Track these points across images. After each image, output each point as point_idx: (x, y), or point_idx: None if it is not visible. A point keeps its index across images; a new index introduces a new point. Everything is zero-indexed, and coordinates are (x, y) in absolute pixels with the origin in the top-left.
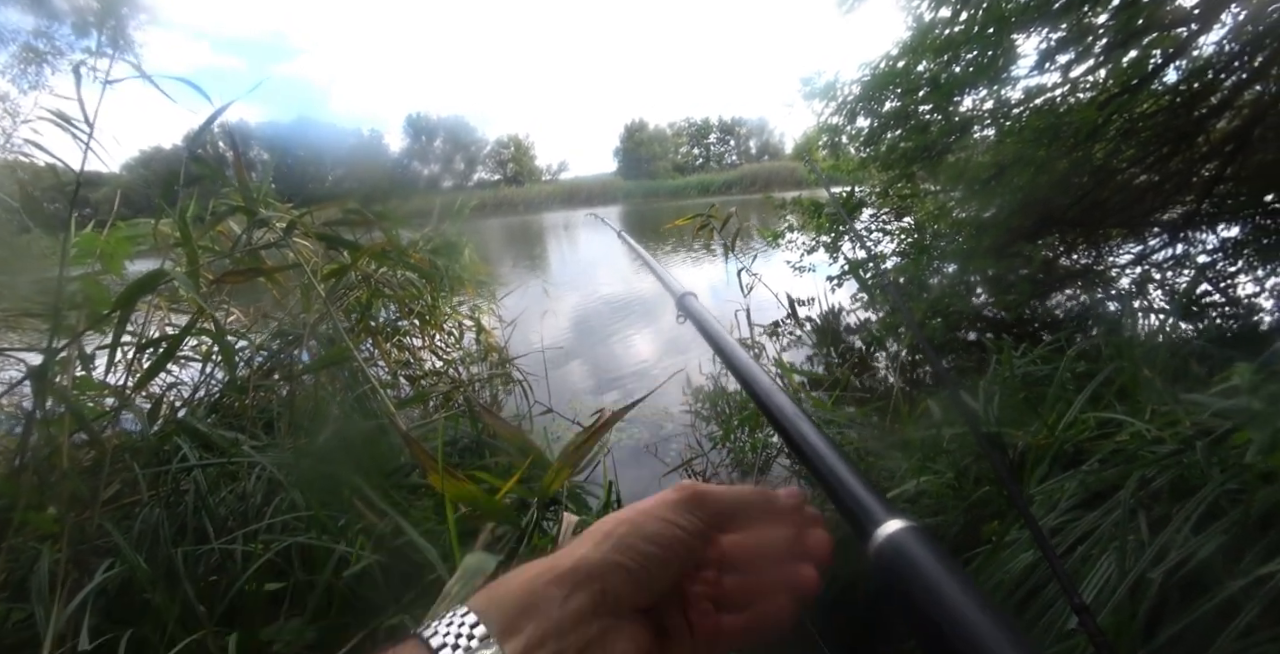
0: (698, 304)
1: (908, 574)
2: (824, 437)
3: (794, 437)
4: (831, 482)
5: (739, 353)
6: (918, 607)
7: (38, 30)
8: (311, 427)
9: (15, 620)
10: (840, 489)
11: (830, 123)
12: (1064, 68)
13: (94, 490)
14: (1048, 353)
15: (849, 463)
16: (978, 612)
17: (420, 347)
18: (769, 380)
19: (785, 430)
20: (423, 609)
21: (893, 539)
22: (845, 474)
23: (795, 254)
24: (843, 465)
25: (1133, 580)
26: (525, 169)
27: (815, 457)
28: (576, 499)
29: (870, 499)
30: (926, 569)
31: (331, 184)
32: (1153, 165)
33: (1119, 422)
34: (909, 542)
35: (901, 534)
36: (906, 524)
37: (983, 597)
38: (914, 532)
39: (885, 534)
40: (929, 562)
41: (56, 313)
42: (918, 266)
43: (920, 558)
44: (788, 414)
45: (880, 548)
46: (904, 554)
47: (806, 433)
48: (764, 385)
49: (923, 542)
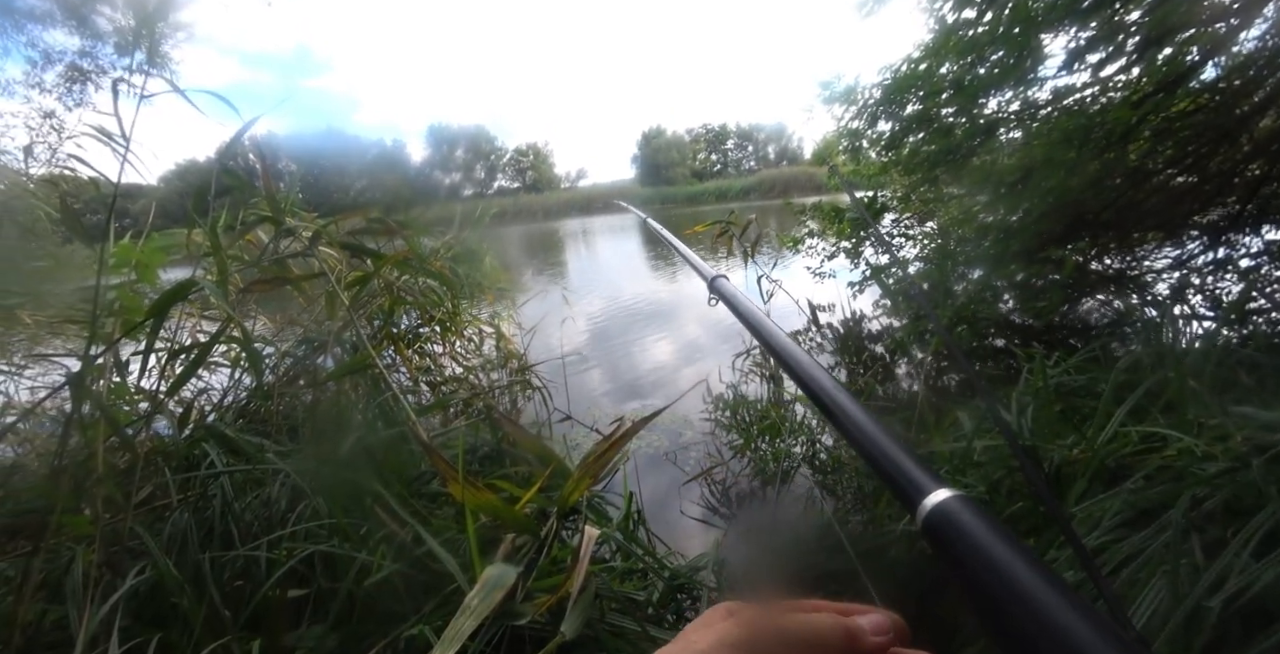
0: (730, 285)
1: (960, 544)
2: (864, 409)
3: (834, 411)
4: (875, 454)
5: (774, 331)
6: (974, 578)
7: (82, 50)
8: (335, 433)
9: (51, 620)
10: (884, 461)
11: (850, 127)
12: (1095, 67)
13: (127, 494)
14: (1083, 362)
15: (891, 435)
16: (1042, 583)
17: (441, 353)
18: (806, 357)
19: (825, 405)
20: (443, 620)
21: (942, 508)
22: (889, 446)
23: (815, 260)
24: (885, 437)
25: (1188, 609)
26: (544, 177)
27: (856, 429)
28: (596, 510)
29: (916, 470)
30: (980, 539)
31: (356, 194)
32: (1192, 166)
33: (1164, 436)
34: (959, 511)
35: (951, 503)
36: (955, 493)
37: (1044, 567)
38: (964, 501)
39: (934, 503)
40: (982, 531)
41: (94, 320)
42: (942, 272)
43: (973, 527)
44: (826, 388)
45: (930, 518)
46: (955, 523)
47: (847, 406)
48: (802, 361)
49: (974, 511)
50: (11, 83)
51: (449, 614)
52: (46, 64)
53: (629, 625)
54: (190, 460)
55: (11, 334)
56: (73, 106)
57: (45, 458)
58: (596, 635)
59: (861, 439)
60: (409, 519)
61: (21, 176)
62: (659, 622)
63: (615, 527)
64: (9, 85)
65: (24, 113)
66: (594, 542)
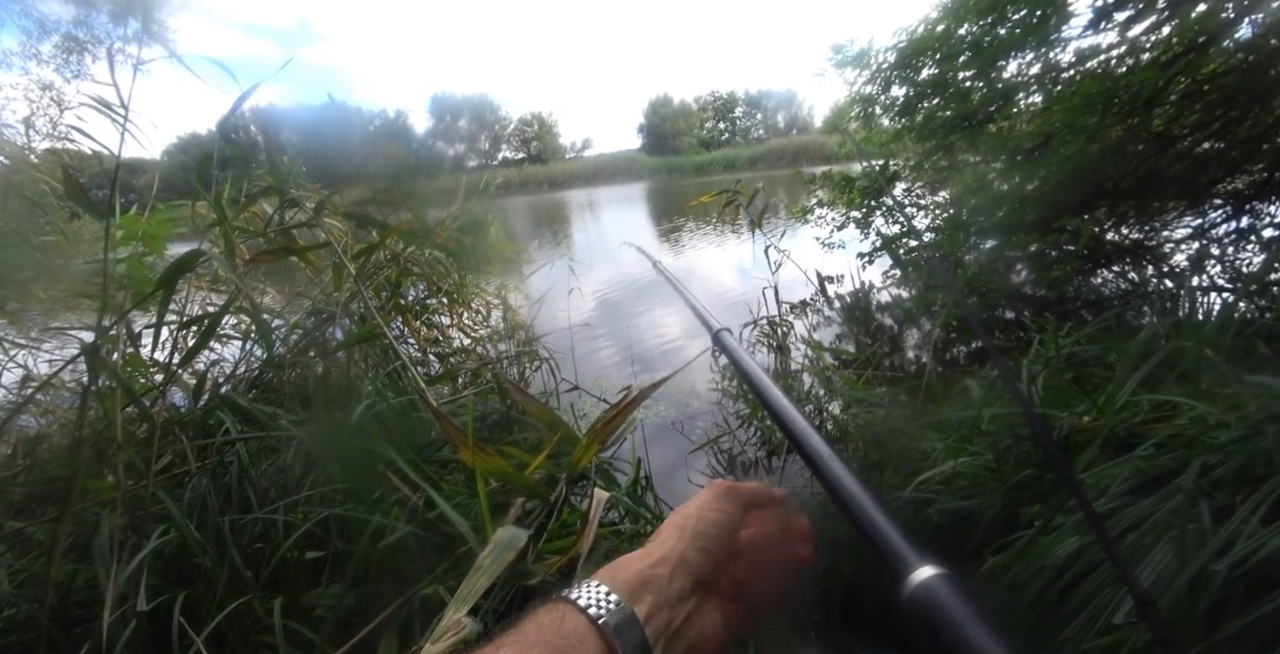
0: (732, 340)
1: (941, 623)
2: (858, 479)
3: (829, 479)
4: (866, 525)
5: (773, 392)
6: None
7: (77, 19)
8: (345, 402)
9: (82, 579)
10: (875, 533)
11: (863, 93)
12: (1123, 26)
13: (147, 461)
14: (1096, 332)
15: (883, 506)
16: None
17: (448, 325)
18: (804, 421)
19: (820, 472)
20: (455, 580)
21: (925, 586)
22: (879, 518)
23: (824, 230)
24: (876, 509)
25: (1193, 572)
26: (549, 147)
27: (850, 500)
28: (604, 475)
29: (903, 544)
30: (957, 620)
31: (359, 165)
32: (1219, 131)
33: (1176, 405)
34: (941, 590)
35: (934, 581)
36: (938, 572)
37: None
38: (945, 579)
39: (918, 580)
40: (960, 612)
41: (105, 293)
42: (954, 243)
43: (951, 608)
44: (823, 456)
45: (914, 594)
46: (937, 602)
47: (841, 476)
48: (799, 427)
49: (954, 590)
50: (9, 54)
51: (461, 575)
52: (42, 34)
53: None
54: (206, 429)
55: (27, 308)
56: (71, 78)
57: (67, 428)
58: None
59: (852, 507)
60: (421, 483)
61: (24, 150)
62: None
63: (624, 491)
64: (6, 56)
65: (23, 85)
66: (603, 504)
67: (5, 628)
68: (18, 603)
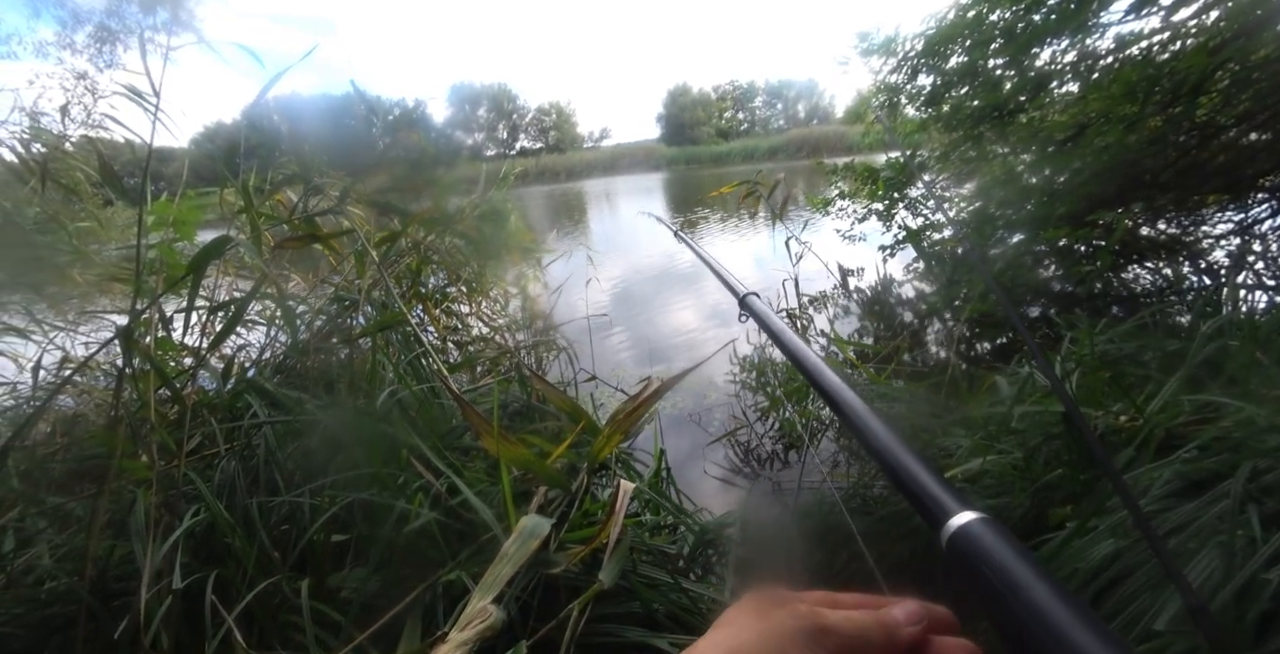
0: (761, 304)
1: (982, 566)
2: (892, 430)
3: (863, 430)
4: (901, 473)
5: (804, 350)
6: (996, 600)
7: (109, 8)
8: (369, 388)
9: (119, 555)
10: (910, 481)
11: (888, 81)
12: (1168, 10)
13: (179, 442)
14: (1132, 329)
15: (918, 455)
16: (1060, 605)
17: (468, 313)
18: (836, 377)
19: (854, 425)
20: (478, 567)
21: (965, 530)
22: (915, 466)
23: (846, 222)
24: (912, 458)
25: (1242, 580)
26: (567, 136)
27: (884, 449)
28: (625, 466)
29: (941, 491)
30: (1004, 560)
31: (380, 153)
32: (1267, 121)
33: (1219, 406)
34: (982, 533)
35: (974, 526)
36: (979, 516)
37: (1063, 590)
38: (987, 523)
39: (957, 525)
40: (1005, 553)
41: (138, 277)
42: (982, 236)
43: (995, 550)
44: (857, 409)
45: (953, 539)
46: (977, 546)
47: (875, 427)
48: (831, 382)
49: (997, 533)
50: (45, 44)
51: (484, 562)
52: (76, 24)
53: (661, 577)
54: (234, 412)
55: (64, 292)
56: (104, 67)
57: (102, 408)
58: (630, 586)
59: (888, 457)
60: (445, 470)
61: (60, 138)
62: (687, 574)
63: (646, 482)
64: (43, 46)
65: (59, 74)
66: (629, 496)
67: (47, 600)
68: (59, 576)
